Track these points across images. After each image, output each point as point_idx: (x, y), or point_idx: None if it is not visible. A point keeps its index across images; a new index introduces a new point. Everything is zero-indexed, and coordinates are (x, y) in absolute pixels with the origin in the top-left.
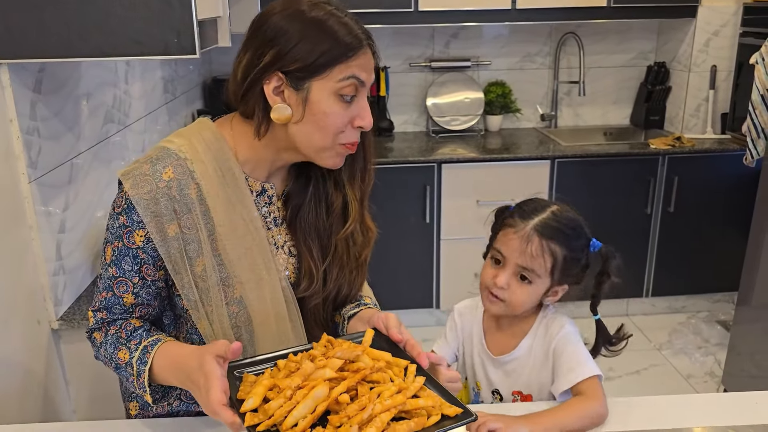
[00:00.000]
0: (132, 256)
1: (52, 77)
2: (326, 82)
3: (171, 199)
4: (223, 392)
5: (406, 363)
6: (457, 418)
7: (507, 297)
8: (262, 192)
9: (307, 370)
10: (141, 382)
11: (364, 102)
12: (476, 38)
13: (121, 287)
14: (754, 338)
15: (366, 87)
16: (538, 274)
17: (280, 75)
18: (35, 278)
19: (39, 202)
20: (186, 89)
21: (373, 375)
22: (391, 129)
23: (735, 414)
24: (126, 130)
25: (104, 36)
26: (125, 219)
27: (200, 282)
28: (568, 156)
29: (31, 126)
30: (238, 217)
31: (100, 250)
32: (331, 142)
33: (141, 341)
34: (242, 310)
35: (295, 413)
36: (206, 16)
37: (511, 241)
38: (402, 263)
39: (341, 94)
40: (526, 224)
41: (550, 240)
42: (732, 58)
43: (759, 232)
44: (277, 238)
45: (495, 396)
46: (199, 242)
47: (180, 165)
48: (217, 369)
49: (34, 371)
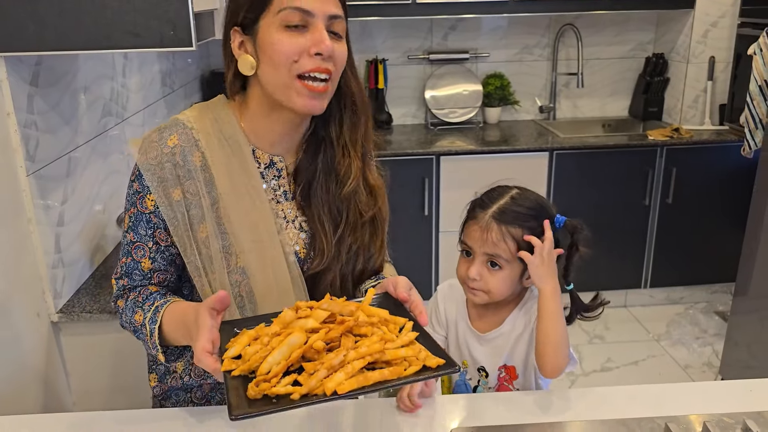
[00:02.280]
0: (146, 221)
1: (49, 70)
2: (269, 17)
3: (175, 164)
4: (210, 341)
5: (404, 321)
6: (437, 369)
7: (484, 286)
8: (270, 165)
9: (286, 318)
10: (153, 341)
11: (320, 30)
12: (474, 30)
13: (138, 252)
14: (751, 329)
15: (315, 17)
16: (506, 258)
17: (236, 29)
18: (34, 271)
19: (37, 196)
20: (184, 82)
21: (362, 329)
22: (390, 122)
23: (729, 402)
24: (124, 123)
25: (100, 28)
26: (137, 185)
27: (203, 248)
28: (566, 148)
29: (29, 119)
30: (242, 187)
31: (103, 234)
32: (287, 75)
33: (154, 302)
34: (245, 280)
35: (270, 359)
36: (202, 8)
37: (474, 232)
38: (401, 255)
39: (285, 25)
40: (485, 213)
41: (508, 225)
42: (730, 48)
43: (756, 223)
44: (287, 212)
45: (481, 373)
46: (201, 208)
47: (185, 133)
48: (207, 320)
49: (34, 364)
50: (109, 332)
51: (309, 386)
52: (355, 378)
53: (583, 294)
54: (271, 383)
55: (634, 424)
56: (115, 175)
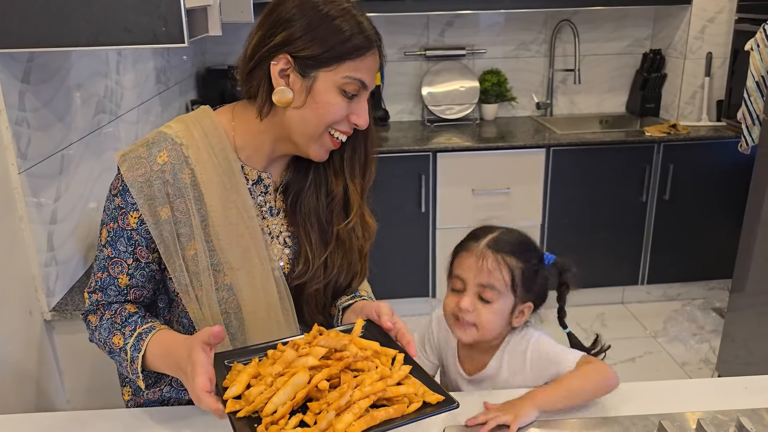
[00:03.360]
0: (126, 237)
1: (41, 67)
2: (333, 75)
3: (164, 182)
4: (208, 380)
5: (394, 352)
6: (438, 405)
7: (475, 319)
8: (258, 181)
9: (289, 358)
10: (134, 368)
11: (364, 102)
12: (471, 26)
13: (116, 268)
14: (748, 325)
15: (368, 90)
16: (499, 290)
17: (288, 58)
18: (27, 269)
19: (29, 193)
20: (179, 79)
21: (358, 363)
22: (387, 118)
23: (724, 399)
24: (118, 120)
25: (91, 25)
26: (120, 201)
27: (191, 266)
28: (563, 144)
29: (20, 116)
30: (231, 204)
31: (97, 233)
32: (323, 131)
33: (136, 328)
34: (232, 297)
35: (275, 400)
36: (195, 4)
37: (467, 261)
38: (398, 253)
39: (344, 89)
40: (479, 243)
41: (503, 253)
42: (727, 44)
43: (753, 219)
44: (272, 228)
45: None
46: (191, 226)
47: (175, 150)
48: (203, 357)
49: (27, 362)
50: None
51: (320, 428)
52: (363, 418)
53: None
54: (280, 425)
55: (628, 421)
56: (109, 173)
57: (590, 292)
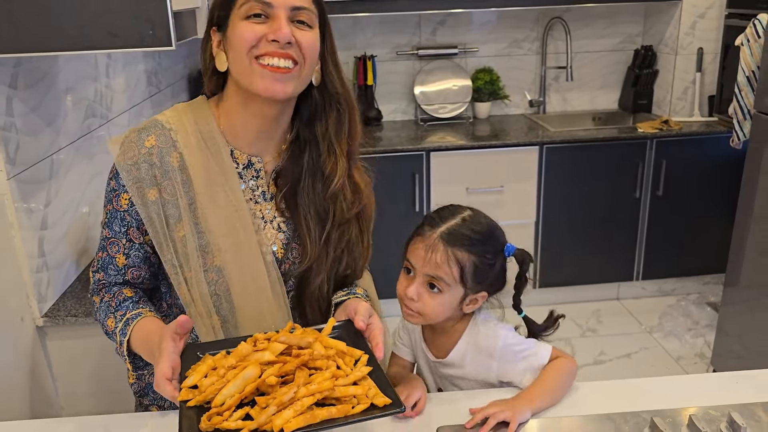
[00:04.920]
0: (120, 218)
1: (29, 72)
2: (235, 11)
3: (152, 165)
4: (170, 368)
5: (360, 353)
6: (384, 408)
7: (420, 308)
8: (248, 165)
9: (242, 351)
10: (122, 351)
11: (279, 19)
12: (463, 25)
13: (113, 248)
14: (741, 319)
15: (275, 7)
16: (447, 282)
17: (213, 29)
18: (17, 276)
19: (19, 199)
20: (171, 81)
21: (317, 362)
22: (380, 118)
23: (716, 394)
24: (109, 124)
25: (78, 29)
26: (114, 183)
27: (180, 247)
28: (556, 142)
29: (8, 122)
30: (219, 187)
31: (89, 237)
32: (247, 60)
33: (126, 313)
34: (221, 279)
35: (224, 391)
36: (182, 7)
37: (418, 250)
38: (392, 251)
39: (247, 16)
40: (433, 232)
41: (455, 247)
42: (718, 40)
43: (745, 213)
44: (265, 213)
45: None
46: (178, 208)
47: (163, 134)
48: (170, 346)
49: (19, 369)
50: (95, 335)
51: (258, 422)
52: (303, 416)
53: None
54: (224, 416)
55: (620, 418)
56: (100, 176)
57: (585, 288)
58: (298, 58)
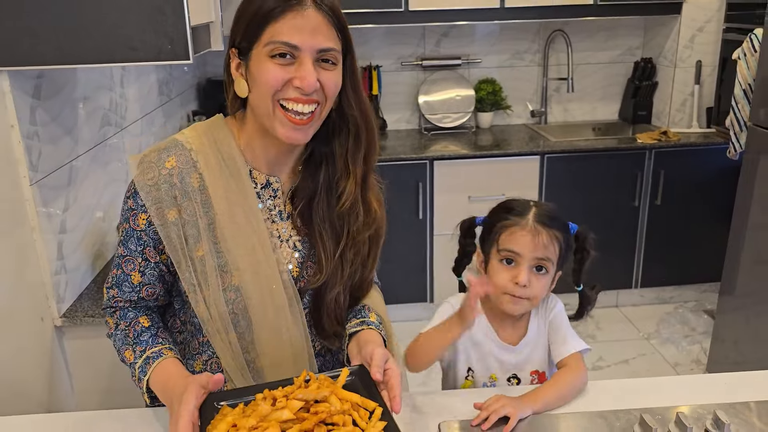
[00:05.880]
0: (136, 237)
1: (50, 83)
2: (260, 47)
3: (172, 186)
4: (191, 423)
5: (374, 405)
6: None
7: (530, 293)
8: (266, 185)
9: (263, 412)
10: (140, 386)
11: (307, 64)
12: (467, 37)
13: (128, 266)
14: (737, 326)
15: (302, 50)
16: (552, 261)
17: (234, 52)
18: (38, 277)
19: (40, 204)
20: (181, 91)
21: (334, 417)
22: (384, 127)
23: (704, 394)
24: (123, 132)
25: (99, 43)
26: (132, 203)
27: (199, 266)
28: (556, 151)
29: (31, 130)
30: (238, 208)
31: (104, 242)
32: (271, 105)
33: (146, 349)
34: (239, 298)
35: None
36: (199, 22)
37: (522, 238)
38: (396, 258)
39: (272, 56)
40: (527, 219)
41: (552, 228)
42: (716, 53)
43: (740, 222)
44: (282, 232)
45: (511, 381)
46: (198, 228)
47: (184, 155)
48: (192, 401)
49: (38, 367)
50: None
51: None
52: None
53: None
54: None
55: (612, 416)
56: (115, 183)
57: None
58: (320, 99)
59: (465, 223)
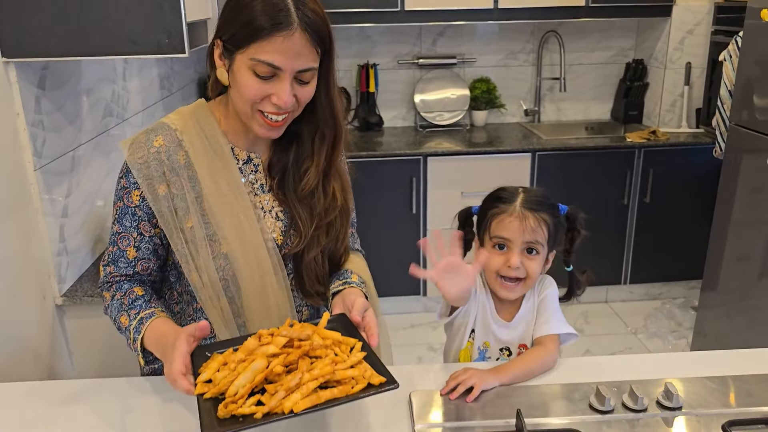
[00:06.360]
0: (131, 213)
1: (54, 74)
2: (244, 56)
3: (160, 162)
4: (184, 365)
5: (354, 341)
6: (380, 386)
7: (523, 274)
8: (248, 161)
9: (250, 346)
10: (135, 347)
11: (285, 83)
12: (462, 36)
13: (124, 242)
14: (718, 322)
15: (285, 71)
16: (542, 243)
17: (219, 42)
18: (41, 257)
19: (44, 189)
20: (182, 85)
21: (317, 351)
22: (381, 124)
23: (662, 370)
24: (124, 123)
25: (102, 36)
26: (125, 181)
27: (189, 237)
28: (547, 149)
29: (36, 119)
30: (222, 181)
31: (104, 227)
32: (249, 110)
33: (139, 312)
34: (228, 265)
35: (236, 382)
36: (195, 18)
37: (510, 224)
38: (390, 252)
39: (254, 71)
40: (514, 206)
41: (539, 212)
42: (705, 55)
43: (722, 220)
44: (264, 204)
45: (503, 352)
46: (186, 202)
47: (170, 134)
48: (183, 346)
49: (40, 342)
50: None
51: (270, 406)
52: (309, 397)
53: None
54: (238, 404)
55: (572, 388)
56: (115, 172)
57: None
58: (293, 109)
59: (462, 213)
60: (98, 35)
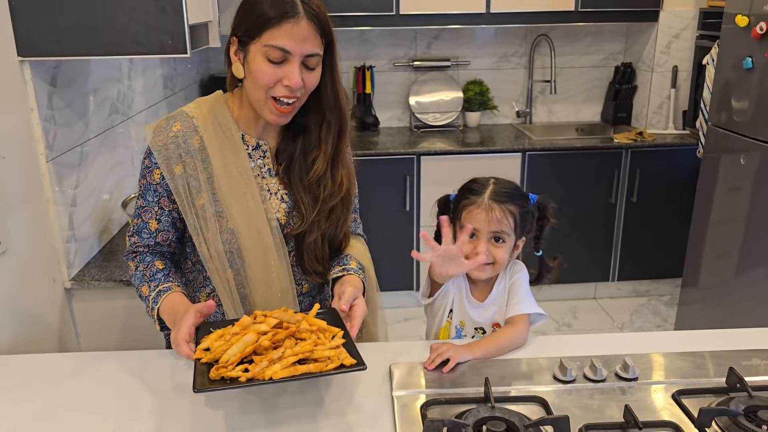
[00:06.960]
0: (153, 190)
1: (65, 73)
2: (258, 45)
3: (177, 146)
4: (188, 334)
5: (337, 330)
6: (350, 366)
7: (491, 260)
8: (256, 147)
9: (245, 323)
10: (153, 315)
11: (294, 66)
12: (457, 40)
13: (147, 215)
14: (698, 316)
15: (293, 55)
16: (507, 232)
17: (234, 39)
18: (51, 243)
19: (55, 180)
20: (184, 85)
21: (302, 333)
22: (377, 124)
23: (628, 347)
24: (129, 121)
25: (110, 37)
26: (148, 162)
27: (200, 213)
28: (537, 149)
29: (48, 114)
30: (232, 164)
31: (110, 219)
32: (263, 97)
33: (158, 285)
34: (233, 239)
35: (229, 351)
36: (197, 20)
37: (479, 215)
38: (384, 248)
39: (268, 57)
40: (483, 198)
41: (506, 203)
42: (691, 59)
43: (701, 218)
44: (270, 186)
45: (477, 331)
46: (199, 181)
47: (187, 121)
48: (191, 318)
49: (49, 323)
50: (114, 299)
51: (253, 372)
52: (288, 369)
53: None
54: (228, 369)
55: (539, 361)
56: (120, 167)
57: (563, 287)
58: (301, 94)
59: (441, 200)
60: (106, 36)
